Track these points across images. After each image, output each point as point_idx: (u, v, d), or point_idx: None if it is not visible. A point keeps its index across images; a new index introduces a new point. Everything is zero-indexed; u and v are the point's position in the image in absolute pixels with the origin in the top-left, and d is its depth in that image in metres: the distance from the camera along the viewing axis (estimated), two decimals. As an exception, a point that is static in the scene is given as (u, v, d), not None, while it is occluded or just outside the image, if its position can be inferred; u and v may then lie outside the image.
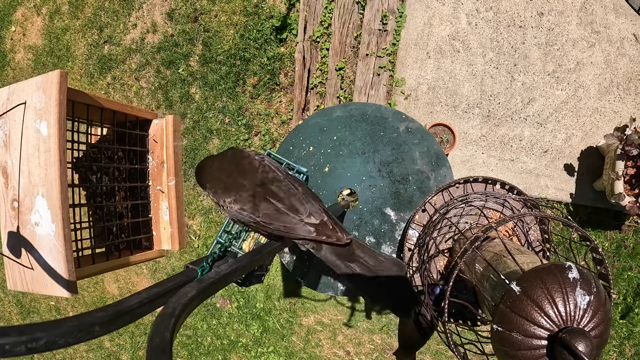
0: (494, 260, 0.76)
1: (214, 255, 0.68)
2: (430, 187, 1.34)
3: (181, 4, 2.49)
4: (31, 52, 2.87)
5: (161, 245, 1.06)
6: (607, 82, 1.91)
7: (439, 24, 2.03)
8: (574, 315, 0.56)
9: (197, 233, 2.51)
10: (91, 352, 2.84)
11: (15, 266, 0.80)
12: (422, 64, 2.04)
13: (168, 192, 1.05)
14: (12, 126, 0.80)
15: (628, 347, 1.98)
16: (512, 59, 1.97)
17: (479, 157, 2.01)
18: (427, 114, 2.05)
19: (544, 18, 1.94)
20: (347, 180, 1.39)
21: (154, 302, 0.47)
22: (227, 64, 2.40)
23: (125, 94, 2.63)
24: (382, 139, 1.39)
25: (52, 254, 0.76)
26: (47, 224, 0.75)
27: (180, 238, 1.04)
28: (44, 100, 0.76)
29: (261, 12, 2.34)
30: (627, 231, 1.96)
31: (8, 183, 0.81)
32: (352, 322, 2.27)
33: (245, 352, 2.46)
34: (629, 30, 1.89)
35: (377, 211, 1.36)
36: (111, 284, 2.75)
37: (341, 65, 2.14)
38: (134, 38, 2.59)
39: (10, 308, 3.06)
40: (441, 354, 2.18)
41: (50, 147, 0.74)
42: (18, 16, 2.90)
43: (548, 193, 1.96)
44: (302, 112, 2.26)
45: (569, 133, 1.94)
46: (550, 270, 0.58)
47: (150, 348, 0.33)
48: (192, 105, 2.47)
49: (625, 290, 1.97)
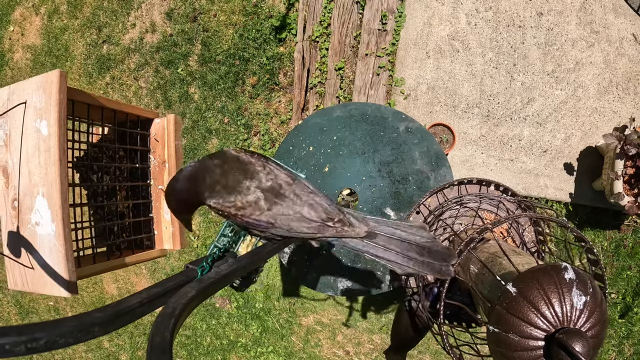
0: (489, 262, 0.76)
1: (214, 256, 0.68)
2: (430, 187, 1.35)
3: (180, 3, 2.49)
4: (30, 51, 2.86)
5: (162, 245, 1.06)
6: (607, 82, 1.91)
7: (438, 24, 2.03)
8: (570, 315, 0.56)
9: (196, 233, 2.51)
10: (90, 353, 2.84)
11: (15, 266, 0.81)
12: (422, 64, 2.05)
13: (169, 191, 1.04)
14: (12, 126, 0.80)
15: (627, 347, 1.99)
16: (511, 59, 1.97)
17: (478, 157, 2.01)
18: (427, 114, 2.05)
19: (544, 18, 1.94)
20: (347, 180, 1.39)
21: (153, 302, 0.47)
22: (226, 64, 2.40)
23: (124, 94, 2.63)
24: (382, 138, 1.39)
25: (53, 253, 0.76)
26: (48, 224, 0.75)
27: (181, 237, 1.04)
28: (44, 99, 0.76)
29: (260, 11, 2.34)
30: (626, 231, 1.96)
31: (8, 183, 0.81)
32: (352, 322, 2.27)
33: (245, 352, 2.46)
34: (628, 30, 1.89)
35: (377, 211, 1.36)
36: (110, 284, 2.75)
37: (340, 65, 2.14)
38: (133, 38, 2.59)
39: (8, 308, 3.07)
40: (440, 354, 2.18)
41: (51, 147, 0.75)
42: (16, 16, 2.90)
43: (547, 193, 1.97)
44: (302, 112, 2.26)
45: (568, 133, 1.94)
46: (546, 271, 0.59)
47: (150, 348, 0.34)
48: (191, 105, 2.47)
49: (625, 290, 1.98)
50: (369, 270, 1.36)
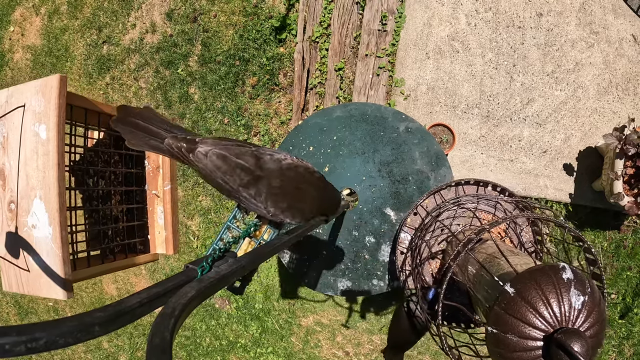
0: (487, 262, 0.76)
1: (214, 256, 0.68)
2: (430, 187, 1.35)
3: (180, 4, 2.49)
4: (30, 52, 2.87)
5: (156, 249, 1.07)
6: (606, 82, 1.91)
7: (438, 25, 2.03)
8: (568, 315, 0.56)
9: (195, 234, 2.51)
10: (89, 353, 2.84)
11: (11, 268, 0.81)
12: (422, 65, 2.05)
13: (163, 196, 1.05)
14: (10, 128, 0.80)
15: (627, 347, 1.98)
16: (511, 60, 1.97)
17: (478, 157, 2.01)
18: (427, 114, 2.05)
19: (543, 19, 1.94)
20: (347, 180, 1.39)
21: (153, 302, 0.47)
22: (226, 64, 2.40)
23: (124, 94, 2.63)
24: (382, 139, 1.39)
25: (49, 256, 0.76)
26: (44, 227, 0.75)
27: (174, 242, 1.05)
28: (43, 104, 0.76)
29: (260, 12, 2.35)
30: (626, 231, 1.96)
31: (5, 185, 0.81)
32: (351, 322, 2.27)
33: (244, 353, 2.46)
34: (627, 31, 1.90)
35: (377, 211, 1.36)
36: (110, 285, 2.75)
37: (340, 65, 2.14)
38: (133, 38, 2.60)
39: (8, 309, 3.07)
40: (440, 355, 2.18)
41: (49, 151, 0.75)
42: (17, 16, 2.90)
43: (547, 193, 1.96)
44: (302, 112, 2.26)
45: (568, 133, 1.94)
46: (544, 271, 0.59)
47: (150, 348, 0.34)
48: (191, 105, 2.48)
49: (625, 290, 1.98)
50: (369, 270, 1.36)
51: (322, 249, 1.40)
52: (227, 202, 2.41)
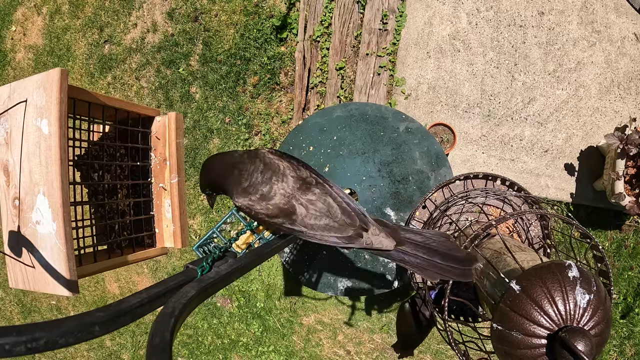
0: (494, 258, 0.76)
1: (214, 256, 0.68)
2: (430, 187, 1.34)
3: (181, 3, 2.49)
4: (32, 51, 2.87)
5: (164, 243, 1.06)
6: (608, 81, 1.91)
7: (439, 24, 2.03)
8: (573, 314, 0.56)
9: (197, 232, 2.51)
10: (92, 352, 2.85)
11: (16, 265, 0.80)
12: (423, 64, 2.04)
13: (170, 189, 1.04)
14: (13, 124, 0.80)
15: (628, 347, 1.98)
16: (512, 59, 1.97)
17: (479, 156, 2.01)
18: (428, 114, 2.05)
19: (545, 17, 1.94)
20: (347, 180, 1.39)
21: (154, 302, 0.47)
22: (228, 64, 2.40)
23: (125, 94, 2.64)
24: (382, 138, 1.39)
25: (54, 252, 0.76)
26: (48, 223, 0.75)
27: (182, 236, 1.04)
28: (45, 98, 0.75)
29: (261, 11, 2.35)
30: (628, 231, 1.96)
31: (9, 181, 0.81)
32: (353, 321, 2.27)
33: (246, 352, 2.46)
34: (629, 30, 1.89)
35: (377, 211, 1.36)
36: (112, 284, 2.75)
37: (341, 64, 2.14)
38: (135, 38, 2.60)
39: (11, 307, 3.07)
40: (441, 354, 2.18)
41: (51, 145, 0.74)
42: (18, 16, 2.90)
43: (548, 193, 1.96)
44: (303, 111, 2.26)
45: (569, 133, 1.94)
46: (550, 269, 0.58)
47: (150, 347, 0.34)
48: (192, 104, 2.48)
49: (626, 290, 1.97)
50: (369, 269, 1.36)
51: (322, 248, 1.40)
52: (228, 201, 2.41)
